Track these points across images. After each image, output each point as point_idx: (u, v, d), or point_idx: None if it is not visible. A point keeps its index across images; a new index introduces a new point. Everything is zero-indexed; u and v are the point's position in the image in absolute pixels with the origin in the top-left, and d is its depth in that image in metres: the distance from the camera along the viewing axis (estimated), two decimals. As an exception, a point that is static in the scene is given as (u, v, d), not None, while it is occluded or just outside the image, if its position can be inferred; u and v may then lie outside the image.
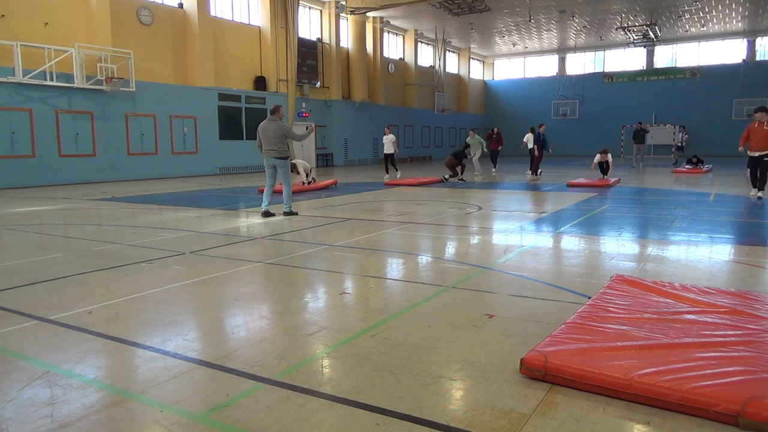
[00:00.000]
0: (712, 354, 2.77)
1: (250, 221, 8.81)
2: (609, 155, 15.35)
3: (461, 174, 16.71)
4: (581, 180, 14.67)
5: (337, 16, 27.78)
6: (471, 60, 41.55)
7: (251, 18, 24.20)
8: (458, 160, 16.44)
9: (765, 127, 10.61)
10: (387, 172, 18.04)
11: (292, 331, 3.56)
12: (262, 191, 14.48)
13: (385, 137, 18.15)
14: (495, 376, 2.80)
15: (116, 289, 4.64)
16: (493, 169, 20.27)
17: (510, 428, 2.30)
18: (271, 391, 2.68)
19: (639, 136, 23.20)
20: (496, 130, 20.88)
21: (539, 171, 18.06)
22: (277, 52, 24.32)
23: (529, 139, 18.88)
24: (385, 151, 18.15)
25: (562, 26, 32.72)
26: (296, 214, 9.18)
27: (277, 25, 24.16)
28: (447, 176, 16.62)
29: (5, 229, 8.23)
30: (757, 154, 10.82)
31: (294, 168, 14.37)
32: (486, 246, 6.60)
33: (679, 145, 26.69)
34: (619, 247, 6.32)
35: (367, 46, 30.17)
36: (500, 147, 20.73)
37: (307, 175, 14.57)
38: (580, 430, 2.29)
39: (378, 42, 30.90)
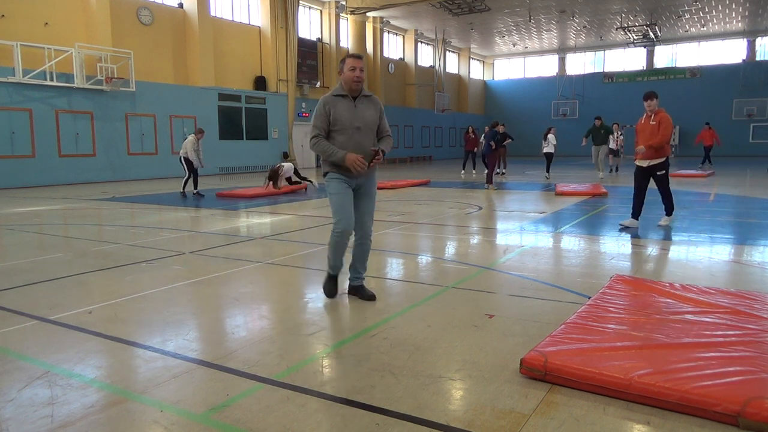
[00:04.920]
0: (712, 354, 2.76)
1: (250, 221, 8.81)
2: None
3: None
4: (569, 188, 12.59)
5: (337, 16, 27.78)
6: (471, 60, 41.54)
7: (251, 18, 24.20)
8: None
9: (652, 122, 7.10)
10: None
11: (292, 331, 3.56)
12: (225, 195, 12.95)
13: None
14: (495, 376, 2.80)
15: (116, 289, 4.64)
16: (463, 171, 19.89)
17: (510, 428, 2.30)
18: (271, 391, 2.67)
19: (598, 136, 16.85)
20: (471, 129, 19.74)
21: (493, 176, 15.10)
22: (277, 52, 24.32)
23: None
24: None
25: (562, 26, 32.72)
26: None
27: (277, 25, 24.15)
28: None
29: (5, 229, 8.23)
30: (645, 163, 7.27)
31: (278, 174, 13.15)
32: (486, 246, 6.60)
33: (614, 148, 19.29)
34: (619, 247, 6.32)
35: (367, 46, 30.16)
36: (476, 148, 19.71)
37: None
38: (580, 430, 2.29)
39: (378, 42, 30.89)
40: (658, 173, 7.30)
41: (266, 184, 13.14)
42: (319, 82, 27.02)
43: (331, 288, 4.30)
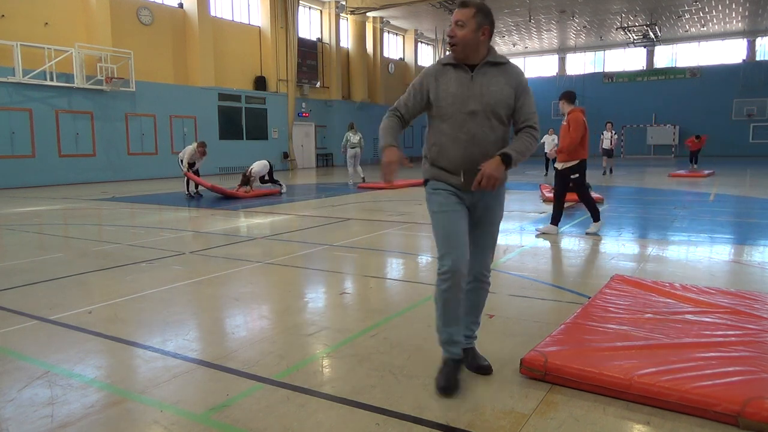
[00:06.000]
0: (712, 354, 2.76)
1: (250, 221, 8.81)
2: None
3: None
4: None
5: (337, 16, 27.78)
6: (471, 60, 41.51)
7: (251, 18, 24.20)
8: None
9: (564, 122, 6.90)
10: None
11: (292, 331, 3.56)
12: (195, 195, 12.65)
13: None
14: (495, 376, 2.80)
15: (116, 289, 4.64)
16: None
17: (510, 428, 2.30)
18: (271, 391, 2.67)
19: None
20: None
21: None
22: (277, 52, 24.33)
23: None
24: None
25: (562, 26, 32.71)
26: None
27: (277, 25, 24.16)
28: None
29: (5, 229, 8.23)
30: (560, 166, 6.99)
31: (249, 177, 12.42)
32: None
33: (608, 148, 18.93)
34: (619, 247, 6.31)
35: (367, 46, 30.17)
36: None
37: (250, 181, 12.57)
38: (580, 430, 2.29)
39: (378, 42, 30.90)
40: (571, 177, 6.90)
41: (238, 188, 12.62)
42: (319, 82, 27.04)
43: (449, 378, 2.59)
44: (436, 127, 2.69)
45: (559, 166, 7.03)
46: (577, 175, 6.89)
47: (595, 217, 7.15)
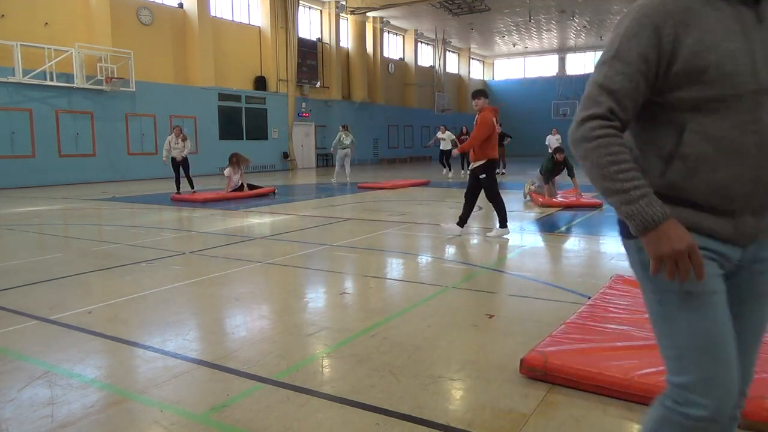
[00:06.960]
0: (712, 354, 2.76)
1: (250, 221, 8.81)
2: None
3: None
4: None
5: (337, 16, 27.79)
6: (471, 60, 41.55)
7: (251, 18, 24.21)
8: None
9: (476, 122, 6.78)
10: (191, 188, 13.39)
11: (292, 331, 3.56)
12: (180, 199, 12.43)
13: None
14: (495, 376, 2.80)
15: (116, 289, 4.64)
16: (463, 171, 19.40)
17: (510, 428, 2.30)
18: (271, 391, 2.68)
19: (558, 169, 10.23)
20: (465, 129, 19.20)
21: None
22: (277, 52, 24.33)
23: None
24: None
25: (562, 26, 32.73)
26: None
27: (277, 25, 24.16)
28: None
29: (5, 229, 8.23)
30: (471, 165, 6.87)
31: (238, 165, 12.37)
32: (486, 246, 6.59)
33: None
34: (619, 247, 6.31)
35: (367, 46, 30.17)
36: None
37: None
38: (580, 430, 2.29)
39: (378, 42, 30.91)
40: (480, 176, 6.72)
41: (234, 170, 12.33)
42: (319, 82, 27.05)
43: None
44: (682, 121, 1.31)
45: (472, 165, 6.84)
46: (484, 175, 6.69)
47: (502, 223, 6.85)
